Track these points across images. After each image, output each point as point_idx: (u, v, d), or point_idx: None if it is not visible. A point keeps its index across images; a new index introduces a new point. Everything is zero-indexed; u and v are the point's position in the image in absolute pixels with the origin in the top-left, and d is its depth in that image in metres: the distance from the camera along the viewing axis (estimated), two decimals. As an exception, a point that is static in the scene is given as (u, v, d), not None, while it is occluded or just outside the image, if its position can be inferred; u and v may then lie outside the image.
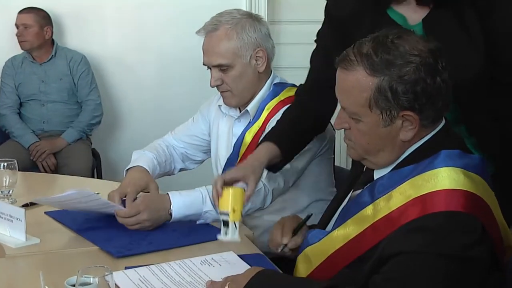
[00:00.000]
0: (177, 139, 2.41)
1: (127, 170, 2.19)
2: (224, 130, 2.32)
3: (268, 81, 2.24)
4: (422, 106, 1.39)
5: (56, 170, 3.73)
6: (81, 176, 3.11)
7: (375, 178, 1.51)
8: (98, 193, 2.20)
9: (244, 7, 4.14)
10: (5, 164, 2.09)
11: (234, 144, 2.25)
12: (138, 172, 2.15)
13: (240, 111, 2.26)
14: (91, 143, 3.94)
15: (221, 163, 2.32)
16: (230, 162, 2.24)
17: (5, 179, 2.09)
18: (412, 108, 1.39)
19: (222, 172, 2.25)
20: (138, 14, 4.12)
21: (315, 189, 2.25)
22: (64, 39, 4.07)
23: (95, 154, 3.89)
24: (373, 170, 1.54)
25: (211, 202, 1.95)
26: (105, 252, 1.77)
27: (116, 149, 4.14)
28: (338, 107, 1.54)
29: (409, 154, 1.46)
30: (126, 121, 4.21)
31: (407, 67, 1.38)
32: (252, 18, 2.21)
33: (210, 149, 2.41)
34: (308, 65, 2.01)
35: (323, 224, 1.64)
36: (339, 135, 2.13)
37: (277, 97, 2.21)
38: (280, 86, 2.24)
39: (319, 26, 1.98)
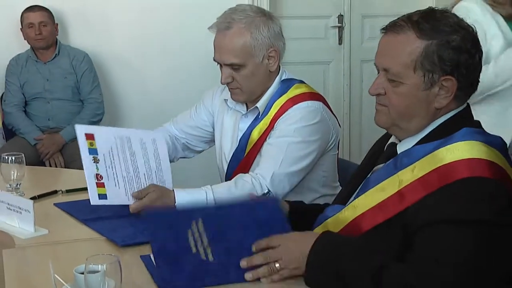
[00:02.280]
0: (179, 129, 2.43)
1: None
2: (230, 124, 2.33)
3: (277, 78, 2.24)
4: (461, 76, 1.48)
5: (64, 166, 3.75)
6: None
7: (398, 153, 1.56)
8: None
9: (246, 2, 4.19)
10: (13, 158, 2.13)
11: (240, 139, 2.26)
12: None
13: (247, 107, 2.28)
14: (96, 139, 3.99)
15: (226, 156, 2.34)
16: (236, 156, 2.27)
17: (13, 172, 2.14)
18: (454, 74, 1.47)
19: (228, 166, 2.30)
20: (142, 12, 4.15)
21: (320, 185, 2.28)
22: (67, 37, 4.11)
23: (101, 150, 3.93)
24: (395, 145, 1.59)
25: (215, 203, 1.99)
26: (110, 241, 1.81)
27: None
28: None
29: (434, 129, 1.53)
30: (129, 119, 4.24)
31: (455, 35, 1.47)
32: (266, 16, 2.19)
33: (211, 140, 2.44)
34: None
35: (342, 200, 1.66)
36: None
37: (285, 94, 2.21)
38: (287, 83, 2.24)
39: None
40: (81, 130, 2.03)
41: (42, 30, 3.83)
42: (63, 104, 3.89)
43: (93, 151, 2.00)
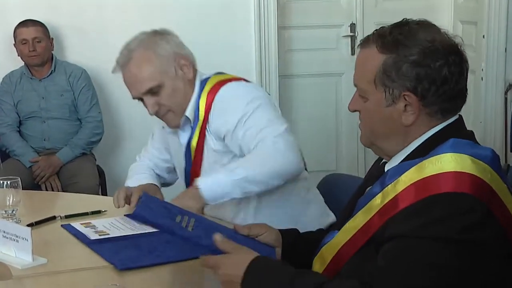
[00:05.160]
0: (154, 158, 2.53)
1: None
2: (175, 144, 2.42)
3: (197, 82, 2.31)
4: (424, 91, 1.49)
5: (61, 189, 3.78)
6: (89, 194, 3.18)
7: (385, 170, 1.57)
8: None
9: (252, 14, 4.22)
10: (8, 182, 2.14)
11: (185, 154, 2.34)
12: (146, 183, 2.32)
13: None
14: (96, 159, 4.00)
15: (178, 170, 2.45)
16: (187, 173, 2.36)
17: (8, 198, 2.14)
18: (413, 91, 1.49)
19: (186, 184, 2.38)
20: (141, 26, 4.15)
21: (306, 191, 2.38)
22: (63, 52, 4.14)
23: (100, 171, 3.95)
24: (384, 164, 1.61)
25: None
26: (114, 268, 1.80)
27: (120, 165, 4.17)
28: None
29: (418, 146, 1.53)
30: (130, 136, 4.26)
31: (415, 49, 1.48)
32: (159, 33, 2.30)
33: None
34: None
35: (339, 225, 1.68)
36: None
37: (203, 91, 2.27)
38: (203, 81, 2.31)
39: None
40: None
41: (36, 46, 3.86)
42: (60, 124, 3.91)
43: None
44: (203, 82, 2.31)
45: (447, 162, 1.43)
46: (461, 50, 1.53)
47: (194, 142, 2.30)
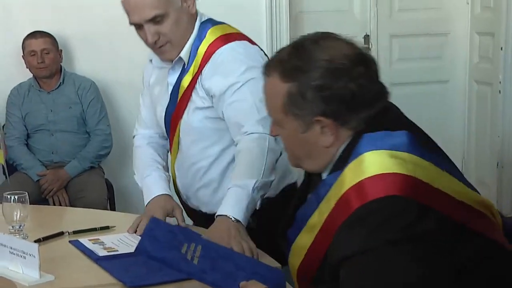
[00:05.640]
0: (153, 127, 2.47)
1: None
2: (157, 82, 2.39)
3: (197, 22, 2.29)
4: (336, 112, 1.48)
5: (69, 203, 3.76)
6: (96, 208, 3.15)
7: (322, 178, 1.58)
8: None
9: (264, 25, 4.21)
10: (16, 197, 2.12)
11: (171, 93, 2.31)
12: (162, 198, 2.26)
13: (172, 61, 2.30)
14: (104, 173, 3.99)
15: (158, 117, 2.39)
16: (169, 112, 2.32)
17: (16, 213, 2.12)
18: (324, 114, 1.48)
19: (165, 124, 2.35)
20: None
21: None
22: (72, 64, 4.14)
23: (108, 185, 3.93)
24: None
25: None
26: (123, 285, 1.79)
27: (129, 179, 4.11)
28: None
29: (344, 149, 1.52)
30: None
31: (316, 72, 1.47)
32: None
33: None
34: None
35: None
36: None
37: (205, 39, 2.25)
38: (204, 25, 2.29)
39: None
40: None
41: (44, 58, 3.85)
42: (68, 137, 3.89)
43: None
44: (204, 27, 2.29)
45: (367, 166, 1.42)
46: (365, 56, 1.51)
47: (185, 83, 2.27)
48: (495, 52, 4.47)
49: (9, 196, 2.12)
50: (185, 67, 2.27)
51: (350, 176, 1.44)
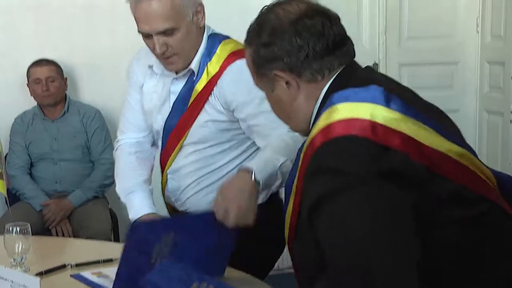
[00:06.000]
0: (138, 130, 2.48)
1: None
2: (158, 88, 2.37)
3: (205, 35, 2.30)
4: (288, 64, 1.60)
5: (73, 234, 3.72)
6: (100, 239, 3.12)
7: None
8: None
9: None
10: (18, 228, 2.09)
11: (174, 102, 2.31)
12: (150, 216, 2.29)
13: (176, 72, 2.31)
14: (108, 203, 3.95)
15: (157, 125, 2.38)
16: (170, 123, 2.32)
17: (17, 245, 2.09)
18: (278, 68, 1.62)
19: (164, 132, 2.34)
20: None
21: None
22: (77, 92, 4.13)
23: (112, 215, 3.88)
24: None
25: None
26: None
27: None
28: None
29: (317, 111, 1.62)
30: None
31: (264, 32, 1.63)
32: None
33: None
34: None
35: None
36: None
37: (216, 54, 2.27)
38: (212, 39, 2.30)
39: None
40: None
41: (49, 86, 3.85)
42: (72, 166, 3.87)
43: None
44: (213, 41, 2.30)
45: (338, 112, 1.50)
46: (315, 12, 1.62)
47: (195, 94, 2.27)
48: (505, 81, 4.45)
49: (11, 228, 2.10)
50: (194, 78, 2.28)
51: (320, 123, 1.52)
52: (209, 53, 2.28)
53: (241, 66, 2.18)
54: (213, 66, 2.26)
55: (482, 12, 4.67)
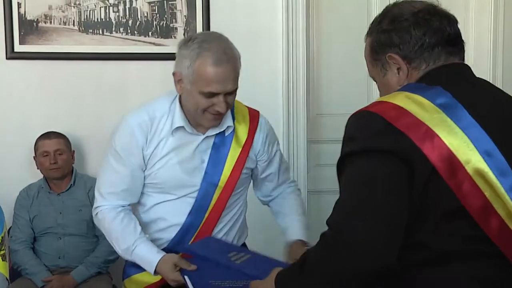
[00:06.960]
0: (129, 198, 2.59)
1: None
2: (182, 144, 2.51)
3: None
4: (403, 50, 1.80)
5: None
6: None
7: None
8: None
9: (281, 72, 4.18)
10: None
11: (210, 157, 2.51)
12: (165, 258, 2.44)
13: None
14: (112, 279, 3.91)
15: (185, 175, 2.52)
16: (209, 181, 2.52)
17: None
18: (394, 52, 1.81)
19: (198, 197, 2.52)
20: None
21: None
22: (83, 165, 4.15)
23: (115, 292, 3.84)
24: None
25: None
26: None
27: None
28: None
29: None
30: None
31: (385, 22, 1.84)
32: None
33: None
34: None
35: None
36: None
37: (237, 108, 2.60)
38: None
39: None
40: None
41: (57, 158, 3.87)
42: (76, 241, 3.85)
43: None
44: None
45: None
46: (430, 11, 1.80)
47: (242, 133, 2.58)
48: None
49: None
50: (225, 134, 2.55)
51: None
52: (232, 111, 2.58)
53: (266, 124, 2.70)
54: (243, 119, 2.60)
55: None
